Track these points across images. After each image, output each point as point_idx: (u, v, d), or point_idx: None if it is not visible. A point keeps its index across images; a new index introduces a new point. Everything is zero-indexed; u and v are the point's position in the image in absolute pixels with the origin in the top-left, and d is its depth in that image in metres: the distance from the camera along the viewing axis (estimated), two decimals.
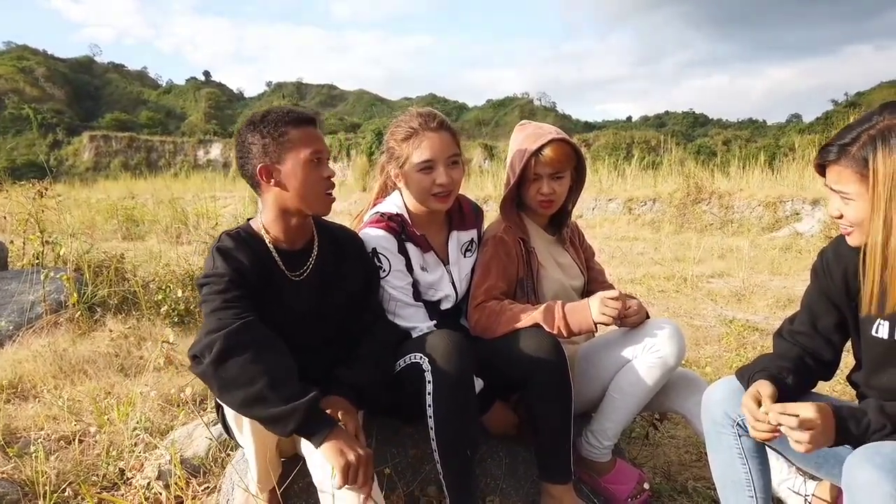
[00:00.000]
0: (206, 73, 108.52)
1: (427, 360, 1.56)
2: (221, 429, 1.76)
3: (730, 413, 1.44)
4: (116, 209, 9.81)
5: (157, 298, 3.71)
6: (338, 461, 1.30)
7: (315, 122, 1.56)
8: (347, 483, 1.31)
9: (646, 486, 1.90)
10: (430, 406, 1.56)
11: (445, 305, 1.89)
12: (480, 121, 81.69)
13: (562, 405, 1.68)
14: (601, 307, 1.69)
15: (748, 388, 1.37)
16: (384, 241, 1.77)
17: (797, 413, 1.20)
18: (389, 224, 1.79)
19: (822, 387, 1.85)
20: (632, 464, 2.03)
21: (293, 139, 1.49)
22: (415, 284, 1.83)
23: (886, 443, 1.18)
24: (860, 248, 1.30)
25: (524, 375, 1.67)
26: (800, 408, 1.22)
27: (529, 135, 1.90)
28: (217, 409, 1.65)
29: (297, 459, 1.61)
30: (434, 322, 1.81)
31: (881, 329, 1.34)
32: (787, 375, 1.40)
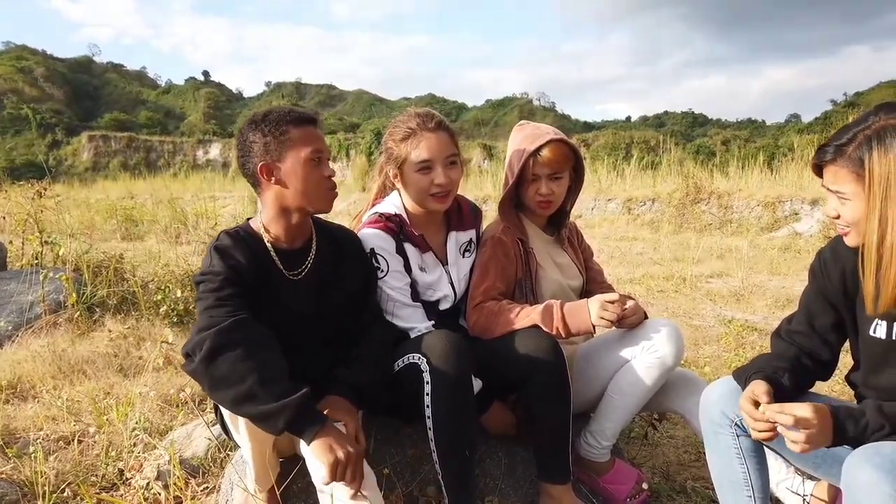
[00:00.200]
0: (206, 73, 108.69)
1: (425, 361, 1.56)
2: (220, 429, 1.76)
3: (728, 413, 1.44)
4: (115, 209, 9.80)
5: (157, 299, 3.71)
6: (326, 458, 1.30)
7: (316, 122, 1.57)
8: (335, 480, 1.31)
9: (644, 486, 1.90)
10: (429, 406, 1.56)
11: (444, 306, 1.89)
12: (479, 121, 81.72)
13: (560, 405, 1.69)
14: (600, 311, 1.70)
15: (745, 390, 1.37)
16: (382, 242, 1.77)
17: (794, 412, 1.21)
18: (387, 224, 1.79)
19: (822, 387, 1.86)
20: (630, 464, 2.03)
21: (294, 138, 1.50)
22: (413, 285, 1.83)
23: (886, 443, 1.18)
24: (857, 249, 1.31)
25: (523, 376, 1.68)
26: (796, 407, 1.22)
27: (528, 135, 1.90)
28: (215, 410, 1.65)
29: (297, 459, 1.61)
30: (432, 322, 1.81)
31: (879, 329, 1.34)
32: (784, 375, 1.40)
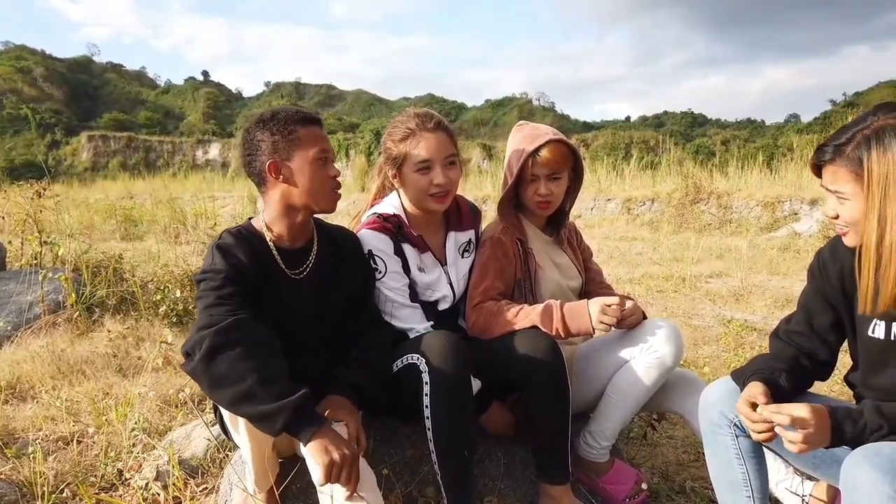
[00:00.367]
0: (205, 73, 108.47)
1: (424, 361, 1.56)
2: (219, 429, 1.76)
3: (727, 413, 1.44)
4: (115, 209, 9.80)
5: (156, 299, 3.70)
6: (322, 459, 1.30)
7: (321, 124, 1.60)
8: (331, 481, 1.31)
9: (644, 487, 1.90)
10: (428, 407, 1.56)
11: (443, 306, 1.89)
12: (479, 121, 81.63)
13: (559, 406, 1.69)
14: (600, 314, 1.69)
15: (742, 392, 1.37)
16: (380, 243, 1.77)
17: (791, 412, 1.21)
18: (385, 225, 1.79)
19: (821, 387, 1.85)
20: (630, 464, 2.03)
21: (302, 137, 1.52)
22: (412, 285, 1.83)
23: (885, 443, 1.18)
24: (856, 248, 1.31)
25: (522, 376, 1.68)
26: (793, 408, 1.22)
27: (527, 135, 1.90)
28: (215, 410, 1.65)
29: (297, 459, 1.61)
30: (431, 323, 1.81)
31: (877, 329, 1.34)
32: (782, 376, 1.40)
